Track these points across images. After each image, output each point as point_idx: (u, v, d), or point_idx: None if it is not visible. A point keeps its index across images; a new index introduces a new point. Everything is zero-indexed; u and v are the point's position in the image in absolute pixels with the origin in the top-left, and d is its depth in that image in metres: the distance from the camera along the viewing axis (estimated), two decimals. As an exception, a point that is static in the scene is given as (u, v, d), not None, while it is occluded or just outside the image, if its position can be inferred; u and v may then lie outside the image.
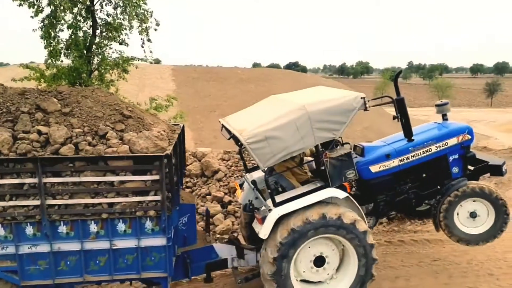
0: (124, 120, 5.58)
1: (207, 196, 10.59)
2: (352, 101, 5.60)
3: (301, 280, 5.96)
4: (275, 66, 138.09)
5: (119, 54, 11.73)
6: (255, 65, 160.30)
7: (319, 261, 5.87)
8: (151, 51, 11.66)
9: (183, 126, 6.72)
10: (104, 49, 11.50)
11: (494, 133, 33.57)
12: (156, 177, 5.16)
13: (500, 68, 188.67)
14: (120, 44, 11.60)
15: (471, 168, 7.00)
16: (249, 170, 6.89)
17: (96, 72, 11.58)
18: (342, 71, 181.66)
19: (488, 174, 7.29)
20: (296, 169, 6.44)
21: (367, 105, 5.63)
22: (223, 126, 6.16)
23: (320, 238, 5.72)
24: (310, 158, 6.80)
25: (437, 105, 7.15)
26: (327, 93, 6.29)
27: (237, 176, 9.99)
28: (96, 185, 5.13)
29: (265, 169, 5.57)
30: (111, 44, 11.56)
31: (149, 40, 11.50)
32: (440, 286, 6.37)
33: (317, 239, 5.71)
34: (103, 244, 5.33)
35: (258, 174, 6.49)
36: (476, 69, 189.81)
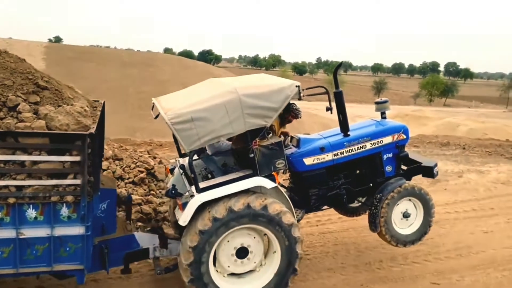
0: (39, 91, 4.83)
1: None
2: (287, 89, 5.42)
3: (229, 274, 5.70)
4: (188, 53, 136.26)
5: None
6: (166, 50, 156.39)
7: (243, 252, 5.62)
8: None
9: (104, 103, 6.07)
10: None
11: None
12: (77, 158, 4.54)
13: (397, 68, 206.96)
14: None
15: (404, 168, 7.04)
16: (182, 155, 6.45)
17: None
18: (255, 62, 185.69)
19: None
20: None
21: (301, 94, 5.47)
22: (153, 104, 5.70)
23: (241, 229, 5.46)
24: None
25: (376, 103, 7.09)
26: (265, 80, 6.06)
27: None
28: (2, 165, 4.40)
29: (190, 152, 5.24)
30: None
31: None
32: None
33: (237, 231, 5.44)
34: (7, 233, 4.59)
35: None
36: (377, 68, 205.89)
